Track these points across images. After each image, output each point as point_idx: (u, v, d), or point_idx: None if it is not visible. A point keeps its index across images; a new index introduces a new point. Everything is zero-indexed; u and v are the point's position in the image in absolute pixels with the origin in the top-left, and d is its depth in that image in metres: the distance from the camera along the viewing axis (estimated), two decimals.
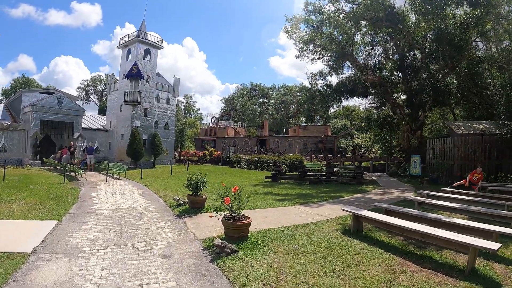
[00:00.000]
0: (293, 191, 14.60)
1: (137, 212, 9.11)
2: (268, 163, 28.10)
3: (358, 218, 7.54)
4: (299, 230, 7.50)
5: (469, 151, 17.77)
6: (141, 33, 30.24)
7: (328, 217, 9.07)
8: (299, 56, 26.10)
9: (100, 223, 7.80)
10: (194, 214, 8.72)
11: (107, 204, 10.24)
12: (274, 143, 44.93)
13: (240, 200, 6.28)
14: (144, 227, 7.46)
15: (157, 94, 32.03)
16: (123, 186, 15.18)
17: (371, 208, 9.21)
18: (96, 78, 69.38)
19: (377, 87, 23.05)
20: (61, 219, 8.05)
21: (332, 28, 23.61)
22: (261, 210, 9.66)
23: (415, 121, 22.90)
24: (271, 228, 7.57)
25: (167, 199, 11.19)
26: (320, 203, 11.52)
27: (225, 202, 6.07)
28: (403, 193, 14.34)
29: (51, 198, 10.96)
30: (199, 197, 9.03)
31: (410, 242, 6.64)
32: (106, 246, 6.08)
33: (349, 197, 13.09)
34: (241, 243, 6.07)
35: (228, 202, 6.08)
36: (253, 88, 79.94)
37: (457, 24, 18.56)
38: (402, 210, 8.42)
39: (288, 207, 10.57)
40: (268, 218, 8.60)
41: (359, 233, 7.31)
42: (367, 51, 25.57)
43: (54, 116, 27.26)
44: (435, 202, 10.27)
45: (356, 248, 6.21)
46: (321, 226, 8.00)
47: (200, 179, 8.85)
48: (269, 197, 12.58)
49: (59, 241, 6.34)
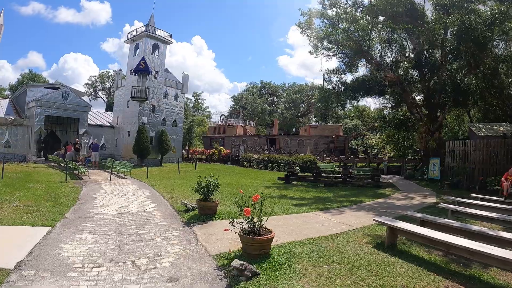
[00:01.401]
0: (309, 194, 13.59)
1: (141, 218, 8.11)
2: (279, 163, 27.07)
3: (393, 230, 6.53)
4: (326, 243, 6.47)
5: (491, 154, 16.68)
6: (150, 28, 29.36)
7: (353, 226, 8.05)
8: (313, 52, 25.19)
9: (98, 231, 6.81)
10: (204, 221, 7.70)
11: (108, 208, 9.27)
12: (284, 143, 43.86)
13: (261, 211, 5.24)
14: (148, 238, 6.45)
15: (165, 91, 31.11)
16: (128, 186, 14.24)
17: (397, 216, 8.44)
18: (104, 74, 68.79)
19: (393, 86, 21.92)
20: (54, 225, 7.10)
21: (348, 24, 22.49)
22: (279, 218, 8.60)
23: (433, 122, 21.78)
24: (294, 241, 6.53)
25: (174, 203, 10.19)
26: (340, 209, 10.49)
27: (244, 213, 5.02)
28: (425, 198, 13.32)
29: (48, 199, 10.05)
30: (211, 203, 7.99)
31: (450, 258, 5.76)
32: (101, 263, 5.09)
33: (370, 202, 12.04)
34: (263, 262, 5.03)
35: (249, 213, 5.03)
36: (263, 86, 78.74)
37: (482, 20, 17.37)
38: (440, 221, 7.34)
39: (308, 213, 9.53)
40: (288, 228, 7.56)
41: (393, 248, 6.32)
42: (383, 49, 24.42)
43: (59, 112, 26.50)
44: (470, 211, 9.17)
45: (396, 267, 5.24)
46: (349, 238, 6.98)
47: (211, 182, 7.82)
48: (284, 201, 11.55)
49: (48, 254, 5.37)
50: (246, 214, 4.98)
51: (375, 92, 23.62)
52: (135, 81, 27.85)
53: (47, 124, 27.71)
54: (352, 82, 23.75)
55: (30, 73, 58.58)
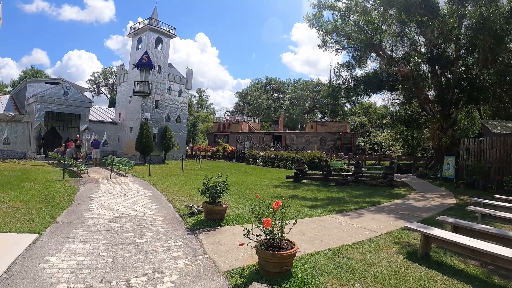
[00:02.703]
0: (322, 194, 12.72)
1: (140, 223, 7.24)
2: (286, 160, 26.17)
3: (428, 238, 5.76)
4: (352, 254, 5.64)
5: (508, 153, 15.91)
6: (153, 21, 28.42)
7: (377, 232, 7.22)
8: (322, 45, 24.36)
9: (90, 239, 5.95)
10: (211, 227, 6.81)
11: (104, 210, 8.41)
12: (290, 139, 42.90)
13: (283, 221, 4.36)
14: (147, 249, 5.56)
15: (169, 86, 30.18)
16: (128, 185, 13.39)
17: (421, 220, 7.87)
18: (107, 70, 67.99)
19: (405, 81, 20.94)
20: (43, 232, 6.28)
21: (359, 16, 21.51)
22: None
23: (447, 119, 20.86)
24: (316, 251, 5.67)
25: (177, 204, 9.32)
26: (358, 211, 9.64)
27: (264, 225, 4.13)
28: (444, 199, 12.47)
29: (41, 200, 9.23)
30: (219, 206, 7.07)
31: (489, 269, 5.20)
32: (90, 282, 4.22)
33: (388, 204, 11.20)
34: (286, 283, 4.15)
35: (270, 225, 4.14)
36: (268, 82, 77.53)
37: (501, 12, 16.41)
38: (476, 228, 6.52)
39: (324, 216, 8.65)
40: (306, 235, 6.68)
41: (428, 258, 5.58)
42: (394, 43, 23.41)
43: (60, 108, 25.67)
44: (501, 215, 8.29)
45: (436, 283, 4.54)
46: (376, 247, 6.13)
47: (219, 183, 6.92)
48: (297, 202, 10.68)
49: (30, 269, 4.55)
50: (266, 226, 4.09)
51: (387, 87, 22.67)
52: (138, 76, 26.94)
53: (48, 120, 26.96)
54: (363, 76, 22.77)
55: (32, 69, 57.88)
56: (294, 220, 4.94)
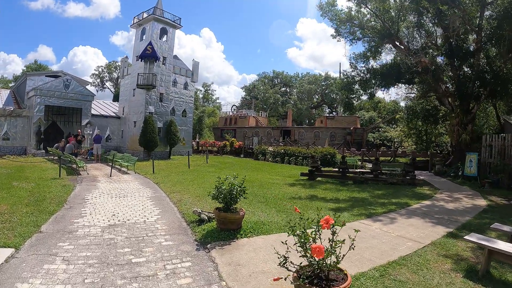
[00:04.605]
0: (342, 195, 11.48)
1: (139, 234, 5.99)
2: (296, 156, 24.86)
3: (491, 253, 4.73)
4: (403, 275, 4.50)
5: None
6: (157, 10, 27.12)
7: (420, 242, 6.03)
8: (335, 36, 23.11)
9: (76, 258, 4.73)
10: (226, 240, 5.56)
11: (98, 216, 7.20)
12: (299, 134, 41.53)
13: (335, 245, 3.11)
14: (145, 273, 4.32)
15: (174, 78, 28.90)
16: (129, 184, 12.20)
17: (458, 226, 6.33)
18: (111, 64, 66.81)
19: (423, 74, 19.53)
20: (21, 245, 5.14)
21: (378, 2, 20.08)
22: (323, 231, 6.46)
23: (466, 114, 19.48)
24: (360, 273, 4.50)
25: (183, 208, 8.08)
26: (389, 215, 8.40)
27: (315, 255, 2.87)
28: (473, 200, 11.20)
29: (29, 202, 8.08)
30: (235, 214, 5.81)
31: None
32: None
33: (418, 206, 9.93)
34: None
35: (322, 254, 2.88)
36: (275, 76, 75.84)
37: None
38: None
39: (354, 222, 7.38)
40: (342, 248, 5.42)
41: (489, 276, 4.68)
42: (411, 33, 21.96)
43: (60, 101, 24.55)
44: None
45: None
46: (425, 262, 5.01)
47: (236, 186, 5.65)
48: (317, 204, 9.39)
49: None
50: (318, 256, 2.82)
51: (404, 80, 21.27)
52: (142, 68, 25.69)
53: (48, 115, 25.91)
54: (380, 67, 21.36)
55: (35, 63, 56.91)
56: (351, 241, 3.67)
